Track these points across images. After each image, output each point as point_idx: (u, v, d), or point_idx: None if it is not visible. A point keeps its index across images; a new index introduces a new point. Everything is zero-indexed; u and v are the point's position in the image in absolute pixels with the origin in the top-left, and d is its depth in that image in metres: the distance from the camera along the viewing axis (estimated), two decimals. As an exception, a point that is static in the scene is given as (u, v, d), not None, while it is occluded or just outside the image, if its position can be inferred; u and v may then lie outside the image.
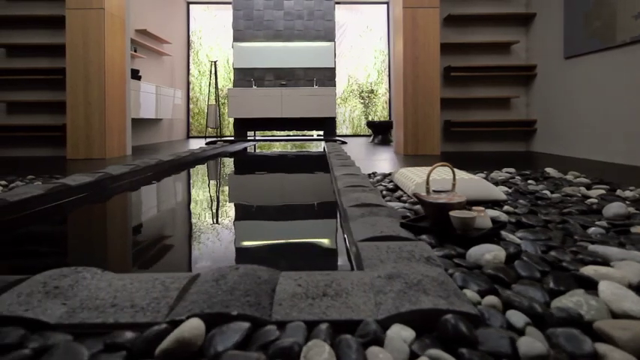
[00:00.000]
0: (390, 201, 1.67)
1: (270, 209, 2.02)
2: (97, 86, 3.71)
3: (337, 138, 6.60)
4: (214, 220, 1.75)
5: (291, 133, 7.56)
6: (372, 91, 8.17)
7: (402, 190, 1.91)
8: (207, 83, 7.86)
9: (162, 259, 1.27)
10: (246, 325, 0.64)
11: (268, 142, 6.62)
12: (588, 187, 1.94)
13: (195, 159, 4.08)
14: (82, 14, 3.68)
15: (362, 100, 8.18)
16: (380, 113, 8.18)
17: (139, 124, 5.70)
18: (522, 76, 4.27)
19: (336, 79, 7.31)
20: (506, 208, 1.45)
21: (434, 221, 1.22)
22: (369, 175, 2.55)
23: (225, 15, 7.89)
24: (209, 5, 7.97)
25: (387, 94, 8.13)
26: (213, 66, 7.49)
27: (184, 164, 3.68)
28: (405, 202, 1.65)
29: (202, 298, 0.72)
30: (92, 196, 2.16)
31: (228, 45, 7.92)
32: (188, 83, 8.00)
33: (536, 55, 4.12)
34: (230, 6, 7.61)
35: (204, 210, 1.98)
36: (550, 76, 3.89)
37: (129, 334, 0.64)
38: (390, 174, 2.50)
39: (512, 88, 4.32)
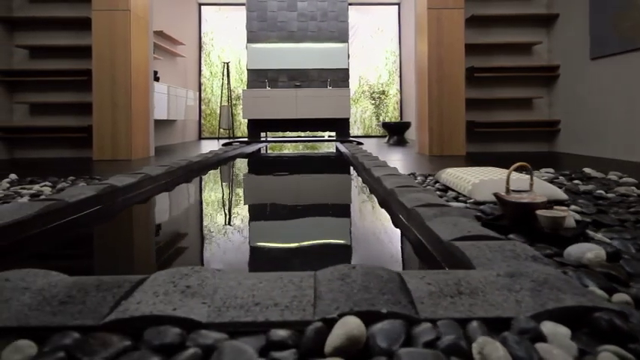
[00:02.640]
0: (448, 201, 1.68)
1: (319, 209, 2.03)
2: (124, 88, 3.71)
3: (352, 139, 6.61)
4: (270, 220, 1.76)
5: (304, 134, 7.57)
6: (383, 92, 8.18)
7: (453, 190, 1.92)
8: (219, 84, 7.87)
9: (231, 256, 1.27)
10: (401, 323, 0.65)
11: (284, 143, 6.63)
12: (637, 186, 1.95)
13: (219, 160, 4.09)
14: (108, 15, 3.69)
15: (373, 101, 8.20)
16: (391, 114, 8.20)
17: (154, 125, 5.70)
18: (544, 76, 4.28)
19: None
20: (573, 207, 1.46)
21: (514, 220, 1.22)
22: (408, 175, 2.56)
23: (236, 16, 7.90)
24: (221, 7, 7.99)
25: (398, 94, 8.15)
26: (225, 67, 7.49)
27: (210, 165, 3.69)
28: (464, 202, 1.65)
29: (341, 296, 0.72)
30: (137, 197, 2.17)
31: (239, 46, 7.92)
32: (200, 84, 8.01)
33: (559, 55, 4.14)
34: (242, 7, 7.63)
35: (256, 211, 1.98)
36: (575, 76, 3.90)
37: (284, 332, 0.64)
38: (430, 174, 2.51)
39: (535, 88, 4.33)
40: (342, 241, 1.52)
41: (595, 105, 3.64)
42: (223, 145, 5.90)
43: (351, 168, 3.52)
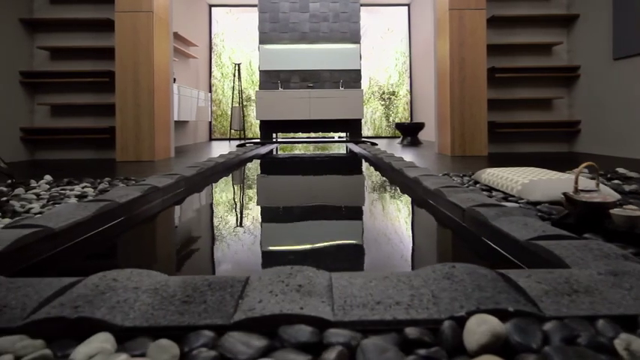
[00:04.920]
0: (499, 201, 1.68)
1: (361, 211, 2.03)
2: (147, 89, 3.72)
3: (366, 139, 6.62)
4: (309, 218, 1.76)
5: (315, 134, 7.58)
6: (393, 93, 8.19)
7: (497, 190, 1.93)
8: (230, 85, 7.89)
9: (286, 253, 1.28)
10: (532, 320, 0.66)
11: (298, 144, 6.64)
12: (680, 186, 1.95)
13: (240, 160, 4.10)
14: (131, 17, 3.70)
15: (383, 102, 8.21)
16: (401, 114, 8.21)
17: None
18: (564, 77, 4.29)
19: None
20: (630, 207, 1.46)
21: (582, 220, 1.23)
22: (442, 175, 2.56)
23: (247, 18, 7.92)
24: (231, 8, 8.00)
25: (408, 95, 8.16)
26: (236, 68, 7.50)
27: (232, 165, 3.71)
28: (516, 202, 1.66)
29: (459, 295, 0.73)
30: (174, 197, 2.18)
31: (250, 47, 7.94)
32: (210, 85, 8.02)
33: (580, 56, 4.15)
34: (252, 9, 7.64)
35: (301, 212, 1.99)
36: (596, 77, 3.91)
37: (418, 330, 0.65)
38: (464, 174, 2.52)
39: (554, 89, 4.35)
40: (397, 242, 1.53)
41: (618, 105, 3.65)
42: (238, 146, 5.92)
43: (368, 167, 3.52)
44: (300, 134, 7.64)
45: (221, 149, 5.61)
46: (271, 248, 1.39)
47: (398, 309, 0.70)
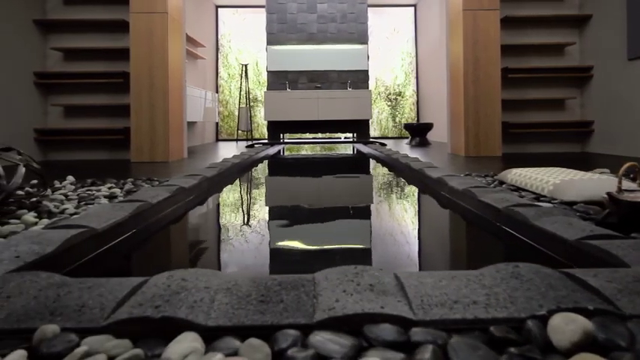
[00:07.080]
0: (531, 201, 1.69)
1: (391, 212, 2.04)
2: (161, 90, 3.73)
3: (374, 140, 6.63)
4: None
5: (323, 135, 7.59)
6: (399, 93, 8.20)
7: (526, 190, 1.93)
8: (237, 86, 7.89)
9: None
10: (613, 319, 0.66)
11: (307, 145, 6.64)
12: None
13: (253, 160, 4.11)
14: (146, 18, 3.71)
15: (389, 103, 8.22)
16: (407, 115, 8.22)
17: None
18: (577, 77, 4.30)
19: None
20: (667, 206, 1.47)
21: (626, 219, 1.24)
22: (464, 176, 2.57)
23: (254, 18, 7.93)
24: (238, 9, 8.01)
25: (415, 96, 8.17)
26: (243, 69, 7.51)
27: (246, 166, 3.72)
28: (549, 202, 1.67)
29: (534, 294, 0.74)
30: (200, 196, 2.19)
31: (256, 48, 7.94)
32: (217, 86, 8.03)
33: (593, 56, 4.16)
34: (259, 9, 7.65)
35: (333, 212, 1.99)
36: (610, 77, 3.92)
37: (500, 329, 0.65)
38: (486, 175, 2.52)
39: (567, 89, 4.36)
40: (441, 242, 1.53)
41: (632, 106, 3.66)
42: (247, 147, 5.92)
43: (383, 168, 3.53)
44: (307, 135, 7.65)
45: (230, 150, 5.61)
46: (312, 248, 1.40)
47: (477, 308, 0.71)
